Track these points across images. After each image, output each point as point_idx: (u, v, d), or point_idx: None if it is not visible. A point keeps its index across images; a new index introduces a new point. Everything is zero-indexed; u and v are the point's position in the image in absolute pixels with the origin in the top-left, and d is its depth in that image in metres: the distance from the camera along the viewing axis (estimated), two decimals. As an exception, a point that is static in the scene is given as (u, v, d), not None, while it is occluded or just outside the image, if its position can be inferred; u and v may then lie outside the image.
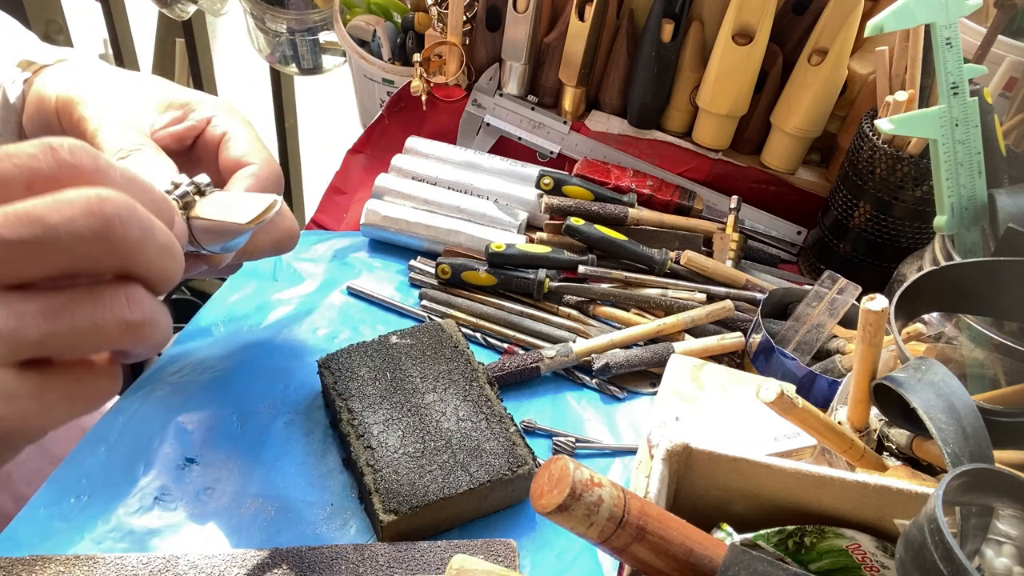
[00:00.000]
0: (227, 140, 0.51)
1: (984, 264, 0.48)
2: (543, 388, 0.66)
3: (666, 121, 0.83)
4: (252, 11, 1.25)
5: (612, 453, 0.62)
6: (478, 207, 0.77)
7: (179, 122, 0.51)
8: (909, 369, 0.40)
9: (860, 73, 0.77)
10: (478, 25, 0.82)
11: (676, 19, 0.75)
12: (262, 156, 0.50)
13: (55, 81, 0.48)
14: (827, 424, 0.42)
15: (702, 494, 0.40)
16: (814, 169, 0.82)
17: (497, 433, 0.55)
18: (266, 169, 0.50)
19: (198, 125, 0.51)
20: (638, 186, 0.80)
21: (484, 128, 0.86)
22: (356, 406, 0.56)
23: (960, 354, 0.50)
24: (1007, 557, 0.34)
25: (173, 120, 0.51)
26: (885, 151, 0.67)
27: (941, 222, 0.57)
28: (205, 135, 0.51)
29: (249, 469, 0.57)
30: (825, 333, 0.63)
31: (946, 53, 0.55)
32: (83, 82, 0.48)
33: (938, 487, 0.30)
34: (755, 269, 0.77)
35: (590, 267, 0.72)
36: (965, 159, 0.56)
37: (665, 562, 0.32)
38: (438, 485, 0.51)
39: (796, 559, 0.38)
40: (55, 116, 0.46)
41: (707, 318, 0.68)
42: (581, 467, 0.31)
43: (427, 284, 0.73)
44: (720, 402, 0.58)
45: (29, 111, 0.48)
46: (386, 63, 0.88)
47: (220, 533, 0.53)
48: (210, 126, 0.51)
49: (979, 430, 0.36)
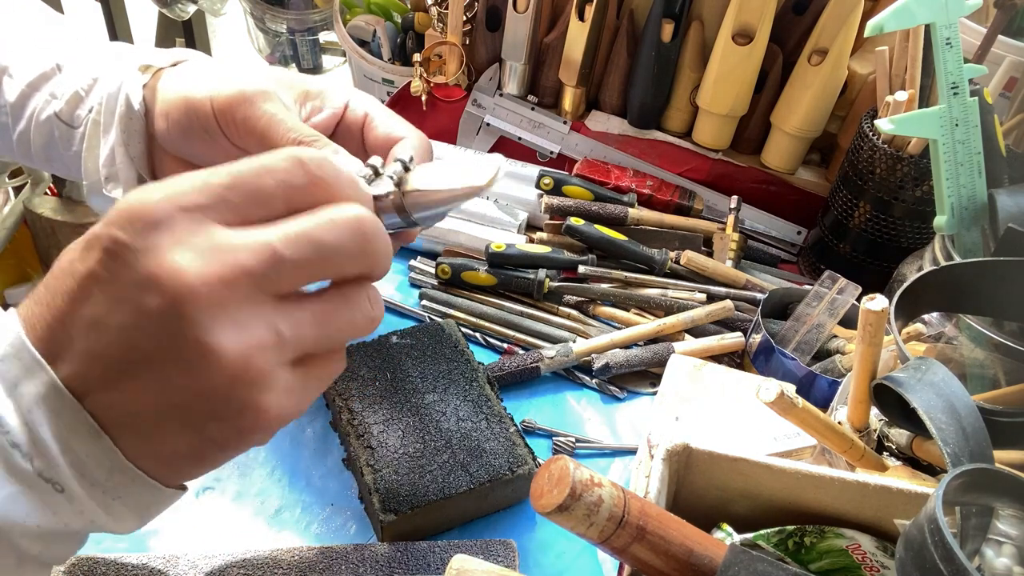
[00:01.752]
0: (370, 120, 0.50)
1: (984, 264, 0.48)
2: (543, 388, 0.66)
3: (666, 121, 0.83)
4: (252, 11, 1.25)
5: (612, 453, 0.62)
6: (478, 207, 0.77)
7: (319, 111, 0.50)
8: (909, 369, 0.40)
9: (860, 73, 0.77)
10: (478, 25, 0.82)
11: (676, 19, 0.75)
12: (409, 129, 0.50)
13: (196, 82, 0.47)
14: (827, 424, 0.42)
15: (702, 494, 0.40)
16: (814, 169, 0.82)
17: (497, 433, 0.55)
18: (420, 140, 0.49)
19: (338, 112, 0.50)
20: (638, 186, 0.80)
21: (484, 128, 0.85)
22: (356, 406, 0.56)
23: (960, 354, 0.50)
24: (1007, 557, 0.34)
25: (313, 110, 0.50)
26: (885, 151, 0.67)
27: (941, 222, 0.57)
28: (346, 120, 0.51)
29: (249, 469, 0.57)
30: (825, 333, 0.63)
31: (946, 53, 0.55)
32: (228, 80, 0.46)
33: (938, 487, 0.30)
34: (755, 269, 0.77)
35: (590, 267, 0.72)
36: (965, 159, 0.56)
37: (665, 562, 0.32)
38: (438, 485, 0.51)
39: (796, 559, 0.38)
40: (212, 117, 0.45)
41: (707, 318, 0.68)
42: (581, 467, 0.31)
43: (427, 284, 0.73)
44: (720, 402, 0.58)
45: (175, 115, 0.47)
46: (386, 63, 0.88)
47: (220, 533, 0.53)
48: (348, 110, 0.51)
49: (979, 430, 0.36)
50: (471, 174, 0.41)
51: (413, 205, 0.42)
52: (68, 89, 0.52)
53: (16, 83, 0.53)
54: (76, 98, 0.52)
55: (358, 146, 0.51)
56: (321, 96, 0.50)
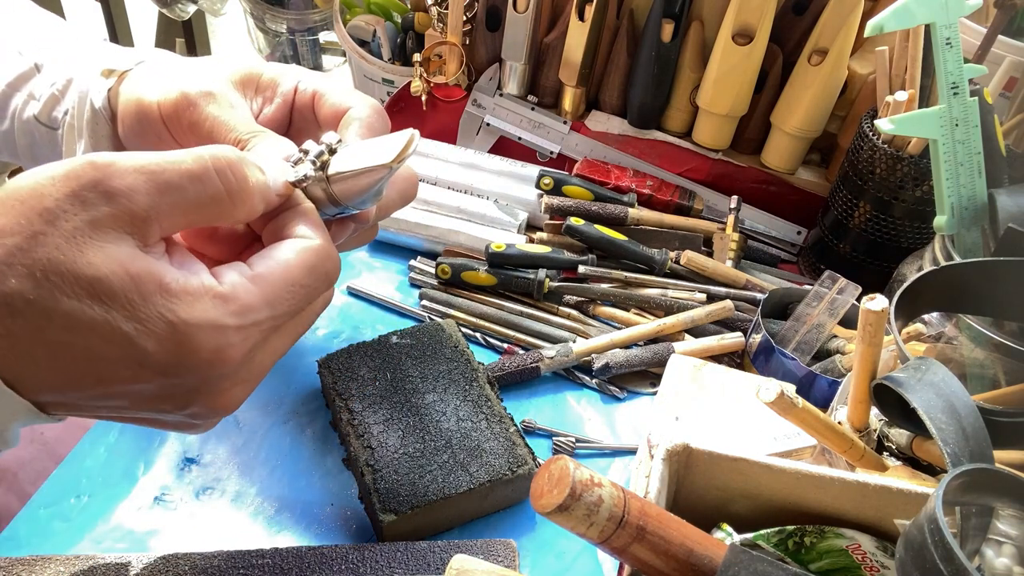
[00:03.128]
0: (319, 97, 0.49)
1: (984, 264, 0.48)
2: (543, 388, 0.66)
3: (666, 121, 0.83)
4: (252, 11, 1.25)
5: (612, 453, 0.62)
6: (478, 207, 0.77)
7: (270, 102, 0.49)
8: (909, 369, 0.40)
9: (860, 73, 0.77)
10: (478, 25, 0.82)
11: (676, 19, 0.75)
12: (358, 98, 0.49)
13: (148, 86, 0.47)
14: (827, 424, 0.42)
15: (702, 494, 0.40)
16: (814, 169, 0.82)
17: (497, 433, 0.55)
18: (367, 109, 0.48)
19: (288, 97, 0.50)
20: (638, 186, 0.80)
21: (484, 128, 0.85)
22: (356, 406, 0.56)
23: (960, 354, 0.50)
24: (1007, 557, 0.34)
25: (265, 101, 0.50)
26: (885, 151, 0.67)
27: (941, 222, 0.57)
28: (298, 103, 0.50)
29: (249, 469, 0.57)
30: (825, 333, 0.63)
31: (946, 53, 0.55)
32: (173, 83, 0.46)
33: (938, 487, 0.30)
34: (755, 269, 0.77)
35: (590, 267, 0.72)
36: (965, 159, 0.56)
37: (665, 562, 0.32)
38: (438, 485, 0.51)
39: (796, 559, 0.38)
40: (161, 122, 0.45)
41: (707, 318, 0.68)
42: (581, 467, 0.31)
43: (427, 284, 0.73)
44: (720, 402, 0.58)
45: (129, 121, 0.47)
46: (386, 63, 0.88)
47: (220, 533, 0.53)
48: (298, 93, 0.50)
49: (979, 430, 0.36)
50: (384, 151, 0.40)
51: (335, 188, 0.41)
52: (46, 90, 0.51)
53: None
54: (53, 99, 0.51)
55: (314, 129, 0.50)
56: (272, 85, 0.50)
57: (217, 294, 0.34)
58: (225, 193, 0.35)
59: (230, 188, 0.35)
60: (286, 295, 0.36)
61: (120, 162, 0.32)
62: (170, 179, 0.33)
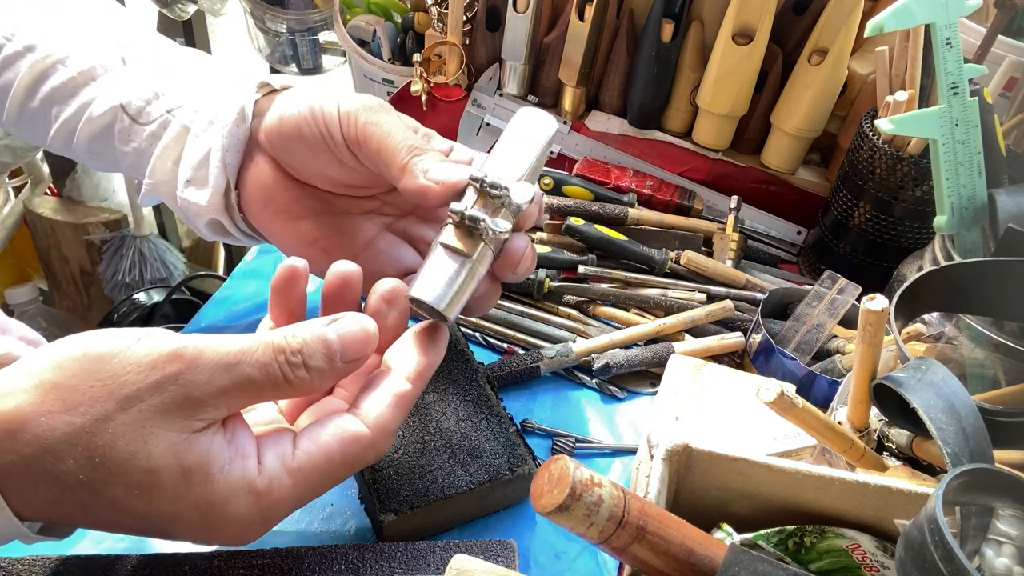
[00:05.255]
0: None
1: (984, 264, 0.48)
2: (543, 388, 0.66)
3: (666, 121, 0.83)
4: (252, 11, 1.25)
5: (612, 453, 0.62)
6: (478, 207, 0.77)
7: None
8: (909, 369, 0.40)
9: (860, 73, 0.77)
10: (478, 25, 0.82)
11: (676, 19, 0.75)
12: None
13: (321, 95, 0.49)
14: (827, 424, 0.42)
15: (702, 494, 0.40)
16: (814, 169, 0.82)
17: (497, 433, 0.55)
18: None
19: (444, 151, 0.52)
20: (638, 186, 0.80)
21: (484, 128, 0.85)
22: (356, 406, 0.56)
23: (960, 354, 0.50)
24: (1007, 557, 0.34)
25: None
26: (885, 151, 0.67)
27: (941, 222, 0.57)
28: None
29: (249, 469, 0.57)
30: (825, 333, 0.63)
31: (946, 53, 0.55)
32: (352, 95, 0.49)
33: (938, 487, 0.30)
34: (755, 269, 0.77)
35: (590, 267, 0.72)
36: (965, 159, 0.56)
37: (665, 562, 0.32)
38: (438, 485, 0.51)
39: (796, 559, 0.38)
40: (337, 120, 0.47)
41: (707, 318, 0.68)
42: (581, 467, 0.31)
43: (427, 284, 0.73)
44: (720, 402, 0.58)
45: (292, 121, 0.49)
46: (386, 63, 0.88)
47: (220, 533, 0.53)
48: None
49: (979, 430, 0.36)
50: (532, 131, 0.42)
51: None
52: (140, 84, 0.53)
53: (69, 71, 0.54)
54: (151, 95, 0.53)
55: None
56: (428, 135, 0.52)
57: (252, 490, 0.36)
58: (285, 382, 0.37)
59: (288, 378, 0.37)
60: (318, 488, 0.39)
61: (206, 354, 0.35)
62: (244, 371, 0.35)
